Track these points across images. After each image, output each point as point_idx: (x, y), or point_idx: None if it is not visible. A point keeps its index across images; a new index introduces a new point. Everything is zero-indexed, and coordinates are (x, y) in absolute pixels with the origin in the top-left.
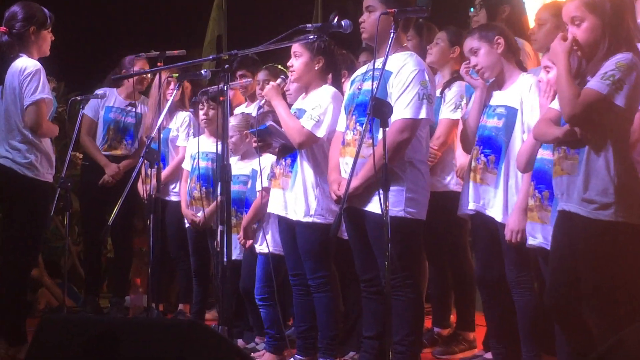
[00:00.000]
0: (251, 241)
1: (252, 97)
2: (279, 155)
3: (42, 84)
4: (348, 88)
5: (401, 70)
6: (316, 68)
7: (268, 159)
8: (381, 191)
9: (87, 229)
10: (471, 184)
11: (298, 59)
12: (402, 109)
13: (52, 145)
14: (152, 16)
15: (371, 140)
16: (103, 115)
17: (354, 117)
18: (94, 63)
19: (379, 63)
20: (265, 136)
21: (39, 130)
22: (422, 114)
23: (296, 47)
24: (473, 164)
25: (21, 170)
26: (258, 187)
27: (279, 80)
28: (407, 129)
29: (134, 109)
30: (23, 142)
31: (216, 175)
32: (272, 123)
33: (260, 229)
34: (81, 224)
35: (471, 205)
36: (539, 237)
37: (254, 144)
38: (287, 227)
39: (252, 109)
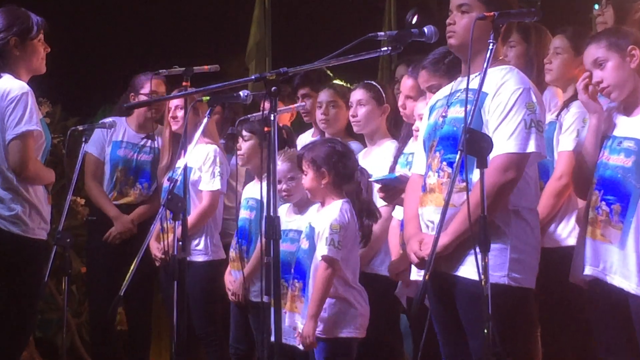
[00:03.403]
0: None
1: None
2: None
3: (29, 112)
4: (426, 116)
5: (500, 90)
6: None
7: (324, 218)
8: (478, 250)
9: (94, 302)
10: (588, 242)
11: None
12: (504, 141)
13: (46, 192)
14: (177, 20)
15: (465, 184)
16: (110, 153)
17: (437, 154)
18: (100, 80)
19: (473, 83)
20: (394, 185)
21: (23, 173)
22: (531, 147)
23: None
24: (591, 214)
25: (5, 225)
26: (318, 255)
27: None
28: (512, 166)
29: (149, 143)
30: (7, 189)
31: (254, 229)
32: (404, 174)
33: None
34: (88, 296)
35: (588, 270)
36: None
37: (379, 194)
38: None
39: None
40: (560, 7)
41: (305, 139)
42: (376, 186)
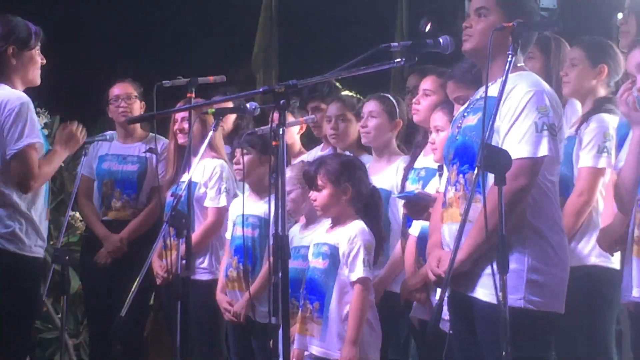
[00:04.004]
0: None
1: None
2: None
3: (30, 124)
4: (451, 129)
5: (511, 95)
6: None
7: (348, 237)
8: (495, 268)
9: (93, 322)
10: (635, 262)
11: None
12: (513, 147)
13: (45, 207)
14: (180, 29)
15: (481, 198)
16: (96, 168)
17: (454, 167)
18: (100, 91)
19: (489, 90)
20: (417, 201)
21: (33, 184)
22: (543, 150)
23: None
24: (637, 232)
25: (0, 243)
26: (353, 277)
27: None
28: (524, 173)
29: (136, 152)
30: (3, 206)
31: (259, 248)
32: (422, 190)
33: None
34: (87, 316)
35: (635, 292)
36: None
37: (404, 210)
38: None
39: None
40: (579, 16)
41: (314, 154)
42: (400, 202)
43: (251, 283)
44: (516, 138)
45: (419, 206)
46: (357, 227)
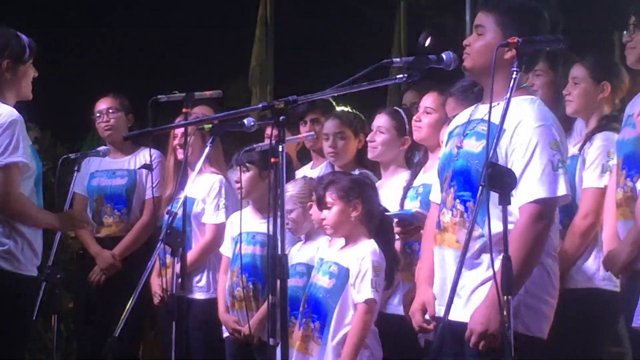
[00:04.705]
0: None
1: (321, 152)
2: None
3: (15, 142)
4: (445, 142)
5: (519, 129)
6: None
7: (357, 257)
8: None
9: (84, 342)
10: None
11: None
12: (532, 187)
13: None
14: (173, 43)
15: (483, 230)
16: (87, 186)
17: (452, 189)
18: (91, 106)
19: (493, 113)
20: (411, 221)
21: (5, 210)
22: (561, 190)
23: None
24: None
25: None
26: (359, 297)
27: None
28: (545, 213)
29: (125, 166)
30: None
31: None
32: (419, 210)
33: None
34: (77, 335)
35: None
36: None
37: (396, 229)
38: None
39: (319, 172)
40: (581, 31)
41: (304, 173)
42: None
43: (261, 302)
44: (534, 178)
45: (411, 226)
46: (367, 247)
